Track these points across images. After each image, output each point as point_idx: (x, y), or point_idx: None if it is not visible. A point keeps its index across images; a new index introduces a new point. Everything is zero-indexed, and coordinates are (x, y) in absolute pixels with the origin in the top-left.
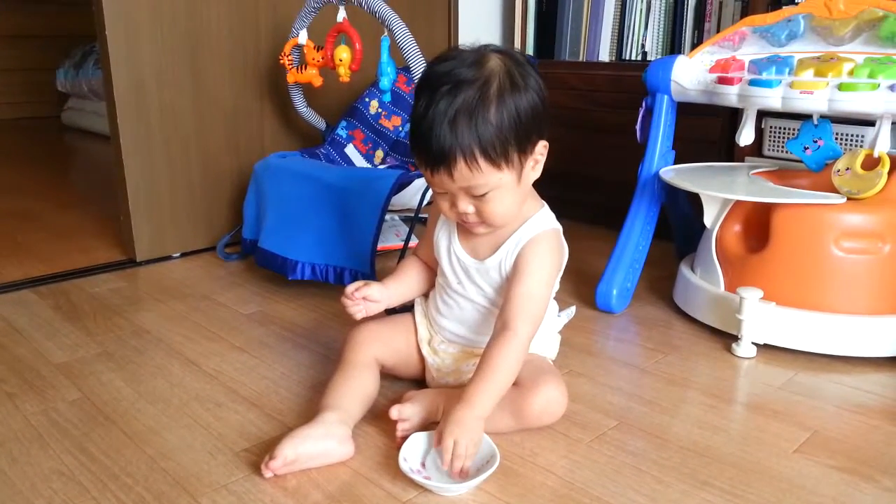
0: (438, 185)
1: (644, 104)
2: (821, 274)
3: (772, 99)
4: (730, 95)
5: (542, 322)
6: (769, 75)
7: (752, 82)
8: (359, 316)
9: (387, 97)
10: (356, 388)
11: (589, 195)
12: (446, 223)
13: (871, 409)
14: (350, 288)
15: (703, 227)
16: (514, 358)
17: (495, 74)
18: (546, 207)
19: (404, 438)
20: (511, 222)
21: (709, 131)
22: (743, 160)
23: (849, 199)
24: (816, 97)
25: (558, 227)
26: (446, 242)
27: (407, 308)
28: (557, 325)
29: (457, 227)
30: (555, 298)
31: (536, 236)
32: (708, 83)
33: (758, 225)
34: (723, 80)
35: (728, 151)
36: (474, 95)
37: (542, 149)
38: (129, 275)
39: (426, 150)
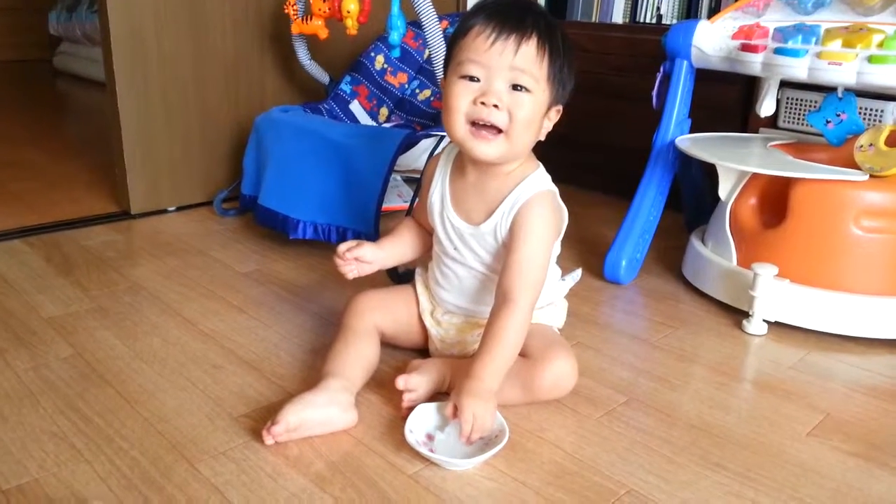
0: (486, 60)
1: (662, 69)
2: (838, 252)
3: (798, 69)
4: (753, 63)
5: (545, 288)
6: (795, 44)
7: (778, 51)
8: (350, 276)
9: (395, 53)
10: (358, 355)
11: (598, 161)
12: (440, 186)
13: (884, 391)
14: (342, 247)
15: (715, 198)
16: (518, 329)
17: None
18: (542, 168)
19: (410, 409)
20: (512, 160)
21: (724, 100)
22: (757, 131)
23: (871, 176)
24: (845, 69)
25: (554, 188)
26: (439, 207)
27: (411, 273)
28: (562, 291)
29: (450, 191)
30: (559, 266)
31: (532, 198)
32: (730, 50)
33: (774, 199)
34: (746, 48)
35: (743, 121)
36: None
37: (555, 114)
38: (123, 227)
39: (508, 15)
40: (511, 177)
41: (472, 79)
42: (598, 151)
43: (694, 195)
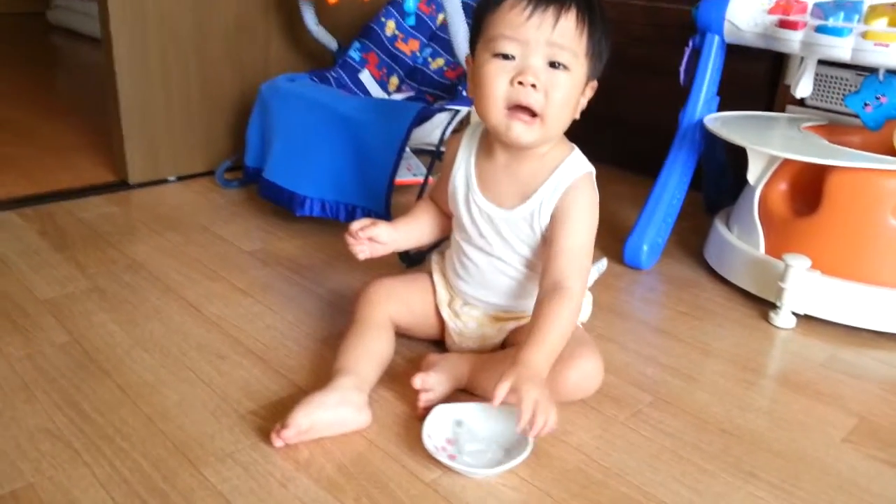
0: (522, 35)
1: (691, 44)
2: (874, 244)
3: (841, 49)
4: (792, 42)
5: None
6: (837, 21)
7: (820, 29)
8: (361, 256)
9: (410, 20)
10: (371, 350)
11: (615, 135)
12: (464, 167)
13: None
14: (355, 225)
15: (738, 179)
16: (570, 317)
17: None
18: (577, 150)
19: (426, 409)
20: (546, 143)
21: (750, 76)
22: (784, 108)
23: None
24: (892, 50)
25: (592, 169)
26: (464, 190)
27: (422, 254)
28: (589, 282)
29: (476, 174)
30: None
31: (575, 182)
32: (767, 26)
33: (806, 185)
34: (785, 24)
35: (769, 98)
36: None
37: (590, 90)
38: (122, 199)
39: None
40: (546, 160)
41: (506, 56)
42: (615, 125)
43: (715, 174)
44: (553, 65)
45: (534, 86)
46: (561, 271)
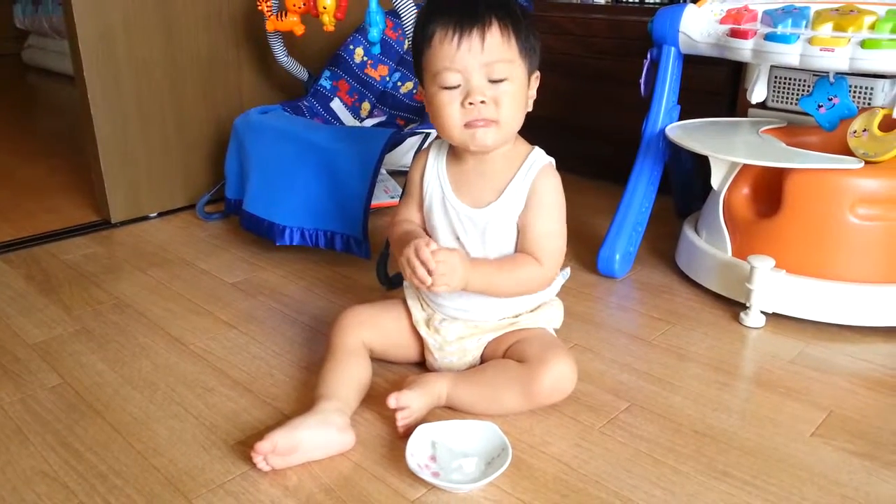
0: (458, 64)
1: (649, 56)
2: (835, 242)
3: (789, 56)
4: (743, 51)
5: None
6: (785, 29)
7: (769, 37)
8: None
9: (376, 49)
10: (349, 375)
11: (584, 146)
12: (436, 177)
13: (885, 384)
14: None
15: (705, 183)
16: (529, 275)
17: None
18: (537, 147)
19: (406, 428)
20: (507, 141)
21: (711, 81)
22: (746, 111)
23: (866, 162)
24: (837, 55)
25: (553, 160)
26: (440, 197)
27: (400, 276)
28: (554, 289)
29: (449, 180)
30: None
31: (542, 170)
32: (719, 36)
33: (768, 188)
34: (735, 33)
35: (731, 102)
36: None
37: (534, 81)
38: (104, 238)
39: (460, 10)
40: (512, 157)
41: (452, 87)
42: (582, 135)
43: (683, 180)
44: (494, 80)
45: (482, 102)
46: (534, 252)
